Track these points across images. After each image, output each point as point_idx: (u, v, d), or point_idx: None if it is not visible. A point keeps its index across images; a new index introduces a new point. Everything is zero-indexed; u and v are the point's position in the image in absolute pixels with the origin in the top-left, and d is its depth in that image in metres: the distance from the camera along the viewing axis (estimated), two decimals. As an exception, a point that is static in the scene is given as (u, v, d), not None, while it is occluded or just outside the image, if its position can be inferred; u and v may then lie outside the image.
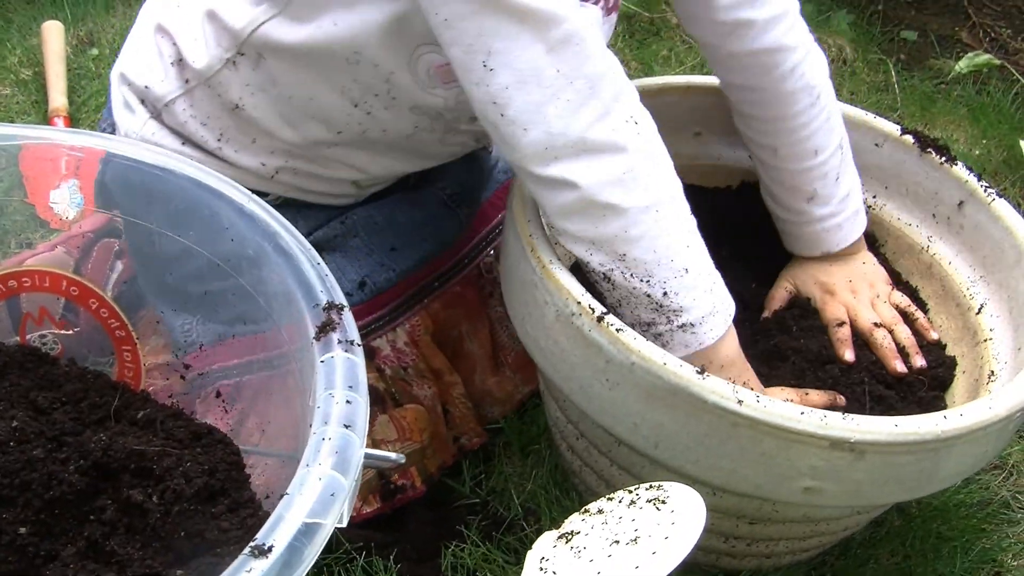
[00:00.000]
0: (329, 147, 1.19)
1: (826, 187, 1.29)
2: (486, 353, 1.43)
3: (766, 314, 1.33)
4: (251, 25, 1.12)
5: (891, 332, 1.29)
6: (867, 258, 1.35)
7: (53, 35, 2.15)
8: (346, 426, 0.76)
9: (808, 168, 1.28)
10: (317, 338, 0.84)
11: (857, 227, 1.33)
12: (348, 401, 0.78)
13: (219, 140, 1.19)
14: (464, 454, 1.37)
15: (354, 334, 0.85)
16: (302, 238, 0.97)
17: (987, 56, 2.58)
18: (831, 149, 1.28)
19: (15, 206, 1.22)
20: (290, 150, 1.19)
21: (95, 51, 2.23)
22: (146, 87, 1.22)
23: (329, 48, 1.09)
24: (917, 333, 1.31)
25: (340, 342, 0.83)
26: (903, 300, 1.34)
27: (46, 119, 2.00)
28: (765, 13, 1.21)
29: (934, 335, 1.32)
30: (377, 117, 1.15)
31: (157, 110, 1.22)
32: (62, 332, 1.11)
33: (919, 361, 1.27)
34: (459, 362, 1.40)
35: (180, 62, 1.20)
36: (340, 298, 0.88)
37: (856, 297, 1.31)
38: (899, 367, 1.25)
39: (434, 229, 1.36)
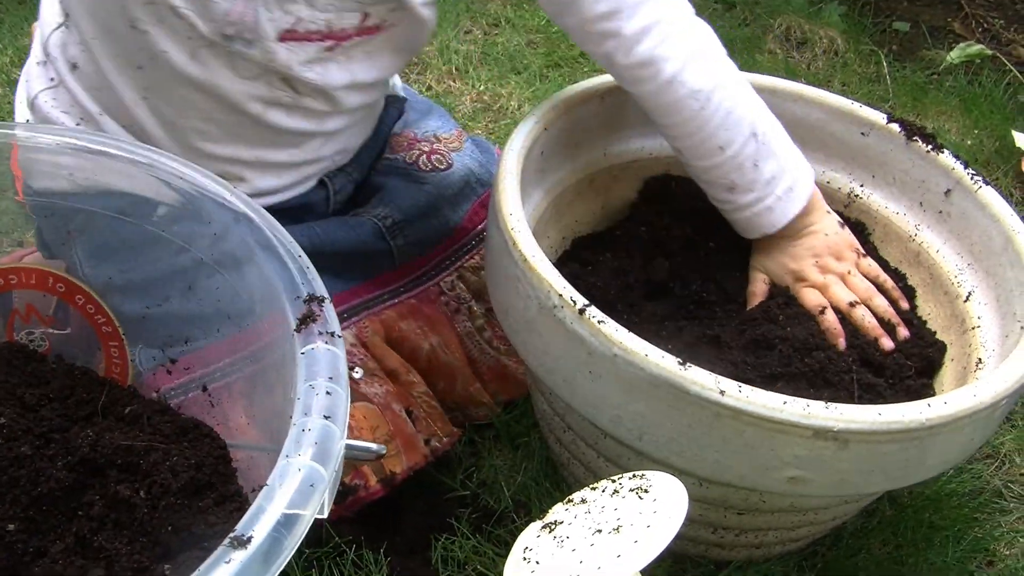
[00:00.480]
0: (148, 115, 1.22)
1: (743, 176, 1.26)
2: (463, 363, 1.42)
3: (751, 306, 1.33)
4: None
5: (868, 305, 1.29)
6: (828, 227, 1.32)
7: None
8: (326, 417, 0.76)
9: (718, 164, 1.26)
10: (298, 330, 0.84)
11: (792, 204, 1.29)
12: (328, 392, 0.78)
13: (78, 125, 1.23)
14: (437, 456, 1.34)
15: (335, 326, 0.85)
16: (282, 229, 0.97)
17: (979, 46, 2.59)
18: (740, 140, 1.24)
19: (6, 205, 1.23)
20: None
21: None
22: (28, 92, 1.26)
23: None
24: (892, 302, 1.31)
25: (320, 334, 0.83)
26: (872, 268, 1.33)
27: (38, 118, 2.02)
28: (634, 25, 1.18)
29: (904, 304, 1.32)
30: (143, 25, 1.14)
31: (33, 111, 1.26)
32: (50, 330, 1.11)
33: (903, 332, 1.28)
34: (438, 373, 1.39)
35: (43, 61, 1.24)
36: (321, 290, 0.88)
37: (827, 276, 1.30)
38: (886, 343, 1.25)
39: (362, 259, 1.34)
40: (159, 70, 1.16)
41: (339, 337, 0.83)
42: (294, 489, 0.71)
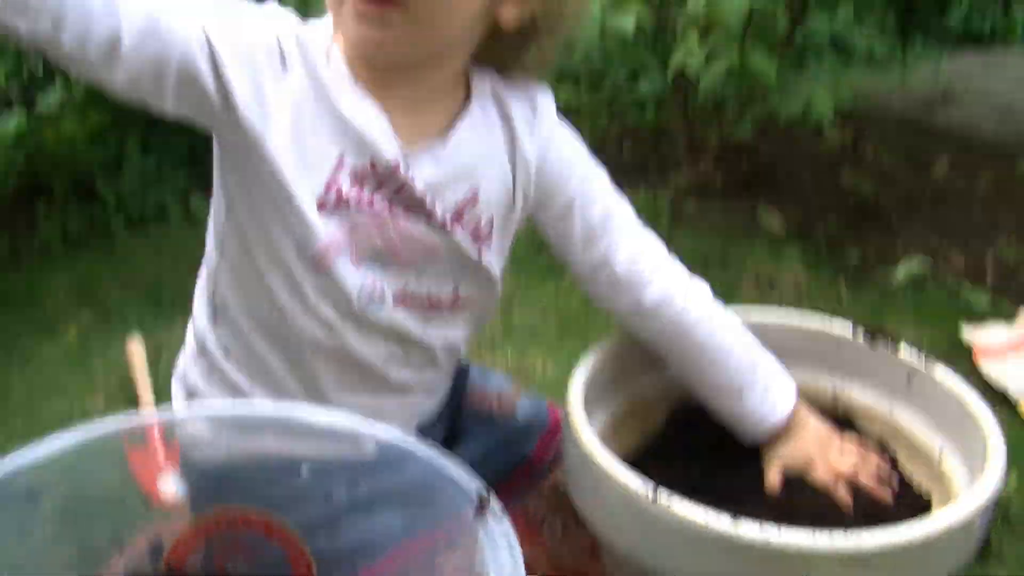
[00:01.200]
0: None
1: (745, 378, 1.58)
2: (548, 568, 1.72)
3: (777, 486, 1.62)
4: (211, 281, 1.48)
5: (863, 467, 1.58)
6: (811, 422, 1.63)
7: (136, 350, 2.51)
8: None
9: (729, 368, 1.58)
10: (475, 518, 1.18)
11: (788, 399, 1.61)
12: (510, 546, 1.11)
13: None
14: None
15: (500, 508, 1.18)
16: (441, 448, 1.29)
17: (918, 263, 2.95)
18: (739, 348, 1.59)
19: (132, 498, 1.40)
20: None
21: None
22: (186, 385, 1.53)
23: (230, 243, 1.41)
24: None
25: (494, 516, 1.17)
26: (853, 440, 1.63)
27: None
28: (649, 266, 1.55)
29: (886, 459, 1.63)
30: (290, 311, 1.40)
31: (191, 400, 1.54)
32: (249, 563, 1.39)
33: (895, 479, 1.59)
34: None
35: (198, 356, 1.51)
36: (483, 488, 1.21)
37: (828, 455, 1.59)
38: (886, 494, 1.55)
39: None
40: (303, 344, 1.44)
41: (506, 516, 1.17)
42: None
